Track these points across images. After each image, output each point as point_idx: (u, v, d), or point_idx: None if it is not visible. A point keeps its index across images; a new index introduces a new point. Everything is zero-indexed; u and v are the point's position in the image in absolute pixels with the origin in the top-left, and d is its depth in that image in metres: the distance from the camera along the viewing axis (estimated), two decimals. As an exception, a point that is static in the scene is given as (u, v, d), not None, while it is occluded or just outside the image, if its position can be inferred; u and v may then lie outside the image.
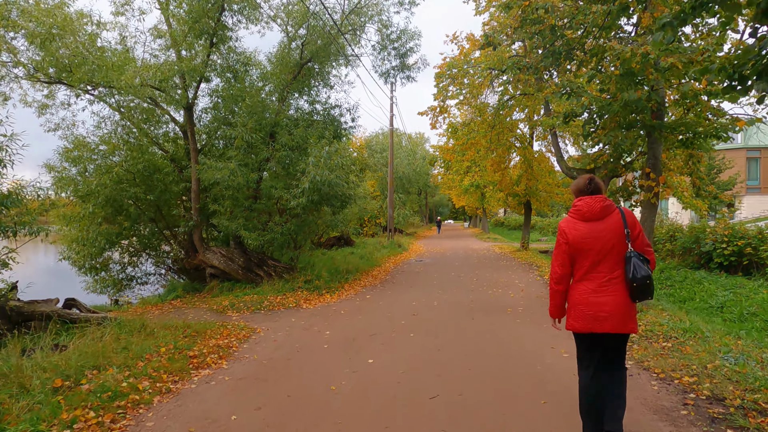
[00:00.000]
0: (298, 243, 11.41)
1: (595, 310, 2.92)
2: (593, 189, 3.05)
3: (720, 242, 14.28)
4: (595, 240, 2.96)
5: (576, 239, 3.00)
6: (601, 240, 2.95)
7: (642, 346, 5.46)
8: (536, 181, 18.37)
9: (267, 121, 10.66)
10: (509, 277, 11.99)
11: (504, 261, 16.19)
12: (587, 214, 3.00)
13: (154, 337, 5.89)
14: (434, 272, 13.34)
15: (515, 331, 6.39)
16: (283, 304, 8.77)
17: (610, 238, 2.95)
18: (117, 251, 12.62)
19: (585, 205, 3.02)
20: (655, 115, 6.92)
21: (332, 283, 10.60)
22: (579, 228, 3.02)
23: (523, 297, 9.06)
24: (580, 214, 3.03)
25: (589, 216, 3.00)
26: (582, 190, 3.08)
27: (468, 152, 19.36)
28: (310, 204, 9.86)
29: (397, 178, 32.33)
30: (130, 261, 12.76)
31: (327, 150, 9.62)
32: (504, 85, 16.67)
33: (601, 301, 2.92)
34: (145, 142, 11.13)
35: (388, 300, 9.13)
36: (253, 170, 10.49)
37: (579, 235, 3.00)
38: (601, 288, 2.94)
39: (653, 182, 7.12)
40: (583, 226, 3.01)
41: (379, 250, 18.87)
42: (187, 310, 8.81)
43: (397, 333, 6.45)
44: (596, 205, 2.99)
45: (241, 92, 10.93)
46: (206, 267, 11.35)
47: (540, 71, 7.57)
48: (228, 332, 6.65)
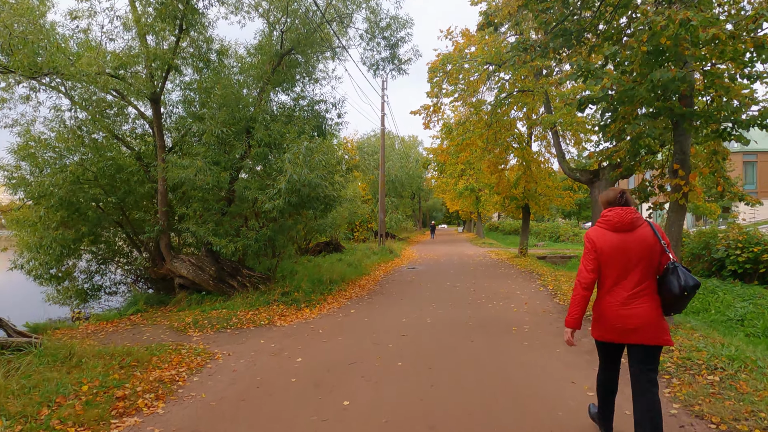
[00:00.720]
0: (277, 250, 10.29)
1: (623, 323, 2.90)
2: (624, 202, 3.04)
3: (733, 248, 13.35)
4: (625, 251, 2.92)
5: (605, 249, 2.97)
6: (630, 251, 2.92)
7: (684, 380, 4.41)
8: (535, 184, 17.38)
9: (242, 114, 9.56)
10: (509, 287, 10.93)
11: (502, 268, 15.15)
12: (618, 224, 2.97)
13: (81, 369, 4.75)
14: (427, 281, 12.26)
15: (524, 359, 5.32)
16: (254, 321, 7.64)
17: (639, 250, 2.91)
18: (83, 258, 11.52)
19: (615, 216, 2.99)
20: (684, 102, 5.92)
21: (313, 295, 9.48)
22: (608, 238, 2.98)
23: (528, 312, 8.00)
24: (611, 224, 3.00)
25: (619, 227, 2.97)
26: (611, 201, 3.08)
27: (463, 153, 18.35)
28: (288, 207, 8.76)
29: (389, 181, 31.28)
30: (98, 269, 11.61)
31: (306, 146, 8.53)
32: (501, 82, 15.74)
33: (630, 314, 2.89)
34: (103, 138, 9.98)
35: (375, 316, 8.03)
36: (226, 169, 9.39)
37: (608, 245, 2.96)
38: (630, 300, 2.90)
39: (682, 181, 6.11)
40: (613, 237, 2.97)
41: (369, 256, 17.78)
42: (145, 328, 7.67)
43: (382, 361, 5.36)
44: (627, 216, 2.97)
45: (213, 82, 9.84)
46: (174, 277, 10.21)
47: (548, 53, 6.55)
48: (179, 359, 5.52)
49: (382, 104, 20.57)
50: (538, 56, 6.59)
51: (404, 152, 36.52)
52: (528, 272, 13.79)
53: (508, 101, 15.41)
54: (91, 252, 11.32)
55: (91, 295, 11.50)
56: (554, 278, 11.92)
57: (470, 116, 17.02)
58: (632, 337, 2.89)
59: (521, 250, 18.40)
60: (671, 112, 5.76)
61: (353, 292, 10.72)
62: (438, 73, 15.24)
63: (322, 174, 9.24)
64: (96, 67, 8.37)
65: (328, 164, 9.71)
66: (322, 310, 8.60)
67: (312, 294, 9.54)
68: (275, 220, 9.37)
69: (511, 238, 40.99)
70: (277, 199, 8.54)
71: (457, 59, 14.64)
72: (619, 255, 2.93)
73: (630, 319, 2.88)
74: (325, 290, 10.17)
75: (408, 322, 7.42)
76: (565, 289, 9.89)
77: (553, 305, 8.54)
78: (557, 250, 24.50)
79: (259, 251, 9.44)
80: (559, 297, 9.24)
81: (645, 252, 2.91)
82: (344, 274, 12.53)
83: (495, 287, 10.90)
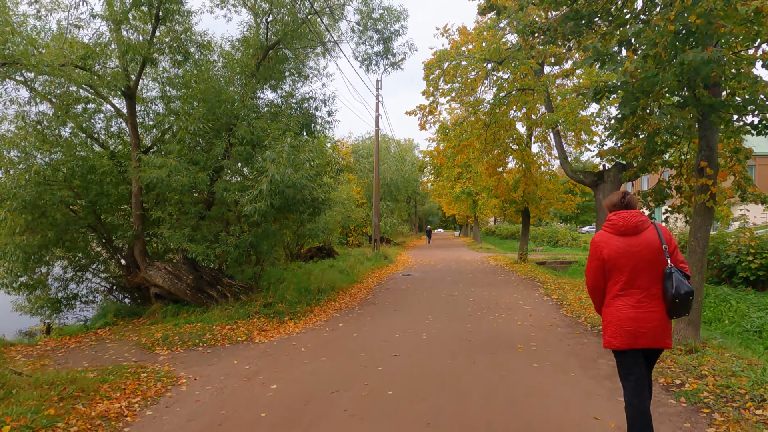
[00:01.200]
0: (261, 257, 9.52)
1: (635, 327, 2.87)
2: (627, 203, 3.02)
3: (745, 254, 12.71)
4: (632, 255, 2.90)
5: (611, 254, 2.95)
6: (637, 255, 2.89)
7: (728, 416, 3.69)
8: (535, 187, 16.71)
9: (223, 110, 8.82)
10: (511, 296, 10.21)
11: (502, 275, 14.43)
12: (623, 228, 2.95)
13: (9, 402, 3.98)
14: (423, 290, 11.53)
15: (535, 385, 4.59)
16: (230, 336, 6.87)
17: (646, 253, 2.88)
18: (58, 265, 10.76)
19: (620, 219, 2.98)
20: (712, 91, 5.24)
21: (299, 306, 8.72)
22: (614, 242, 2.96)
23: (534, 325, 7.28)
24: (616, 228, 2.98)
25: (624, 230, 2.95)
26: (615, 204, 3.05)
27: (460, 156, 17.68)
28: (271, 210, 8.01)
29: (384, 185, 30.58)
30: (73, 276, 10.82)
31: (289, 143, 7.80)
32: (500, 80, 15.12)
33: (640, 317, 2.87)
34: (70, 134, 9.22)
35: (365, 330, 7.28)
36: (205, 169, 8.64)
37: (614, 249, 2.94)
38: (640, 304, 2.88)
39: (709, 180, 5.42)
40: (619, 241, 2.95)
41: (362, 262, 17.02)
42: (111, 344, 6.90)
43: (370, 389, 4.61)
44: (632, 219, 2.95)
45: (193, 76, 9.11)
46: (150, 286, 9.43)
47: (557, 38, 5.85)
48: (136, 386, 4.76)
49: (377, 104, 19.91)
50: (546, 41, 5.90)
51: (400, 155, 35.80)
52: (529, 279, 13.08)
53: (507, 100, 14.76)
54: (66, 258, 10.56)
55: (65, 304, 10.72)
56: (558, 286, 11.22)
57: (468, 116, 16.38)
58: (642, 340, 2.87)
59: (521, 256, 17.70)
60: (698, 103, 5.08)
61: (343, 302, 9.97)
62: (434, 70, 14.59)
63: (309, 175, 8.51)
64: (60, 57, 7.65)
65: (315, 164, 8.98)
66: (307, 324, 7.85)
67: (298, 305, 8.78)
68: (258, 225, 8.62)
69: (508, 243, 40.34)
70: (259, 201, 7.80)
71: (454, 56, 14.01)
72: (626, 259, 2.90)
73: (642, 322, 2.86)
74: (312, 300, 9.41)
75: (401, 338, 6.68)
76: (571, 299, 9.18)
77: (559, 318, 7.83)
78: (557, 255, 23.84)
79: (240, 259, 8.67)
80: (566, 308, 8.53)
81: (652, 255, 2.88)
82: (335, 282, 11.77)
83: (495, 296, 10.18)
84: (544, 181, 16.80)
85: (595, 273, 3.02)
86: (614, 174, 12.77)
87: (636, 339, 2.87)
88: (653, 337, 2.85)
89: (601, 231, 3.09)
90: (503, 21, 13.38)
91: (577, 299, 9.10)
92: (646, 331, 2.85)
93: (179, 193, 8.51)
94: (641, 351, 2.94)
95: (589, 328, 7.03)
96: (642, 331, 2.85)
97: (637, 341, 2.87)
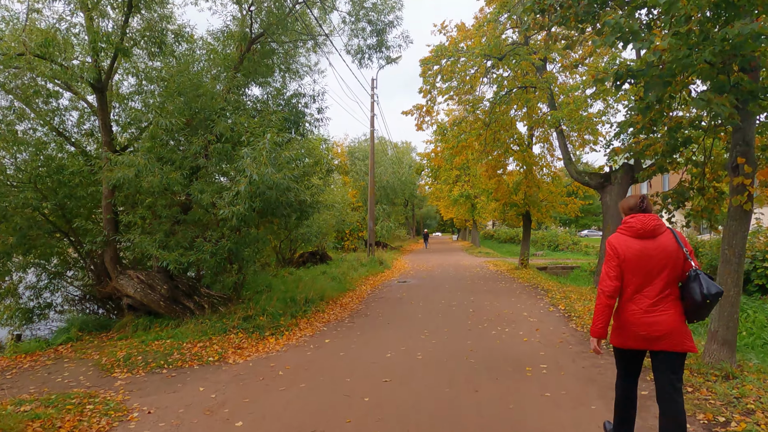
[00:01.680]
0: (243, 265, 8.75)
1: (648, 331, 2.85)
2: (645, 207, 3.01)
3: (760, 260, 12.03)
4: (649, 258, 2.88)
5: (628, 256, 2.91)
6: (654, 258, 2.87)
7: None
8: (537, 189, 16.00)
9: (201, 105, 8.08)
10: (514, 306, 9.47)
11: (503, 282, 13.69)
12: (641, 231, 2.93)
13: None
14: (419, 299, 10.77)
15: (551, 420, 3.84)
16: (201, 356, 6.10)
17: (662, 257, 2.87)
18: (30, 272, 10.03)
19: (638, 222, 2.95)
20: (750, 75, 4.54)
21: (283, 319, 7.96)
22: (631, 245, 2.93)
23: (542, 342, 6.53)
24: (633, 231, 2.95)
25: (642, 233, 2.92)
26: (633, 207, 3.04)
27: (458, 157, 17.00)
28: (251, 214, 7.27)
29: (381, 187, 29.85)
30: (48, 284, 10.06)
31: (270, 138, 7.06)
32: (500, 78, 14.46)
33: (655, 321, 2.84)
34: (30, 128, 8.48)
35: (354, 348, 6.52)
36: (180, 169, 7.90)
37: (631, 252, 2.92)
38: (654, 307, 2.85)
39: (747, 179, 4.70)
40: (636, 244, 2.93)
41: (356, 268, 16.26)
42: (68, 364, 6.14)
43: (353, 426, 3.85)
44: (650, 222, 2.93)
45: (170, 68, 8.38)
46: (121, 297, 8.67)
47: (569, 19, 5.14)
48: (75, 423, 4.00)
49: (372, 104, 19.22)
50: (558, 21, 5.19)
51: (397, 158, 35.04)
52: (532, 287, 12.34)
53: (508, 99, 14.07)
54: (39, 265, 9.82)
55: (38, 314, 9.98)
56: (563, 295, 10.48)
57: (466, 116, 15.70)
58: (658, 344, 2.85)
59: (522, 261, 16.96)
60: (737, 89, 4.36)
61: (333, 313, 9.21)
62: (431, 66, 13.91)
63: (294, 175, 7.77)
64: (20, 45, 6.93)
65: (302, 164, 8.25)
66: (290, 339, 7.08)
67: (282, 317, 8.02)
68: (238, 230, 7.87)
69: (507, 247, 39.65)
70: (238, 204, 7.05)
71: (452, 52, 13.34)
72: (642, 262, 2.89)
73: (655, 326, 2.84)
74: (298, 312, 8.65)
75: (393, 358, 5.92)
76: (580, 311, 8.44)
77: (569, 332, 7.08)
78: (558, 260, 23.14)
79: (218, 267, 7.90)
80: (575, 321, 7.79)
81: (668, 259, 2.87)
82: (325, 290, 11.01)
83: (497, 307, 9.44)
84: (546, 184, 16.10)
85: (617, 273, 2.93)
86: (622, 175, 12.07)
87: (648, 342, 2.87)
88: (672, 340, 2.82)
89: (616, 234, 3.04)
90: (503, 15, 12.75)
91: (586, 310, 8.36)
92: (660, 335, 2.82)
93: (151, 195, 7.77)
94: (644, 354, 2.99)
95: (604, 345, 6.29)
96: (656, 334, 2.83)
97: (652, 344, 2.86)
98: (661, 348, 2.84)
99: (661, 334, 2.82)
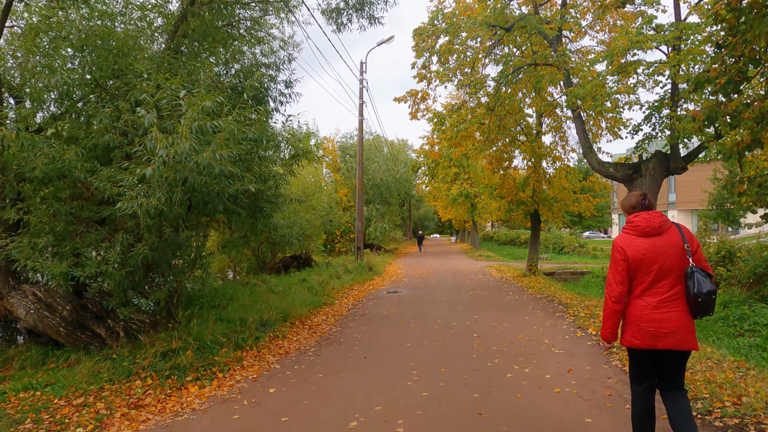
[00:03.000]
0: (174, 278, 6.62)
1: (656, 327, 2.82)
2: (648, 204, 3.01)
3: None
4: (657, 256, 2.86)
5: (636, 255, 2.90)
6: (662, 255, 2.86)
7: None
8: (548, 185, 13.97)
9: (111, 62, 6.00)
10: (530, 328, 7.40)
11: (511, 292, 11.63)
12: (647, 229, 2.92)
13: None
14: (410, 317, 8.70)
15: None
16: (66, 425, 4.01)
17: (671, 253, 2.86)
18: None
19: (643, 221, 2.94)
20: None
21: (224, 351, 5.87)
22: (638, 244, 2.91)
23: (582, 395, 4.45)
24: (639, 229, 2.94)
25: (648, 231, 2.91)
26: (635, 206, 3.02)
27: (458, 149, 14.92)
28: (172, 209, 5.19)
29: (374, 186, 27.77)
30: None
31: (196, 103, 4.98)
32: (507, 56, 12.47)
33: (662, 318, 2.82)
34: None
35: (306, 406, 4.43)
36: (88, 150, 5.83)
37: (639, 251, 2.89)
38: (663, 304, 2.84)
39: None
40: (642, 242, 2.91)
41: (340, 275, 14.17)
42: None
43: None
44: (655, 220, 2.92)
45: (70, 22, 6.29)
46: (14, 319, 6.59)
47: None
48: None
49: (360, 90, 17.13)
50: None
51: (392, 155, 32.85)
52: (547, 300, 10.28)
53: (516, 78, 12.04)
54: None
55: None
56: (588, 311, 8.43)
57: (467, 101, 13.68)
58: (664, 341, 2.81)
59: (530, 267, 14.88)
60: None
61: (296, 339, 7.12)
62: (427, 39, 11.89)
63: (238, 156, 5.69)
64: None
65: (252, 141, 6.18)
66: (221, 387, 4.99)
67: (222, 349, 5.94)
68: (159, 232, 5.77)
69: (507, 249, 37.61)
70: (149, 195, 4.97)
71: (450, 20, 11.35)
72: (653, 260, 2.85)
73: (664, 323, 2.81)
74: (249, 338, 6.56)
75: (361, 429, 3.84)
76: (620, 337, 6.37)
77: (615, 375, 5.01)
78: (566, 265, 21.11)
79: (131, 282, 5.80)
80: (619, 355, 5.72)
81: (675, 255, 2.85)
82: (294, 304, 8.94)
83: (509, 329, 7.37)
84: (558, 179, 14.04)
85: (623, 277, 2.92)
86: (655, 165, 10.00)
87: (657, 340, 2.82)
88: (677, 339, 2.80)
89: (622, 234, 3.02)
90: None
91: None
92: (668, 332, 2.80)
93: (39, 184, 5.70)
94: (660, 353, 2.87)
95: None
96: (663, 332, 2.80)
97: (658, 342, 2.82)
98: (668, 346, 2.81)
99: (669, 330, 2.79)
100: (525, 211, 14.48)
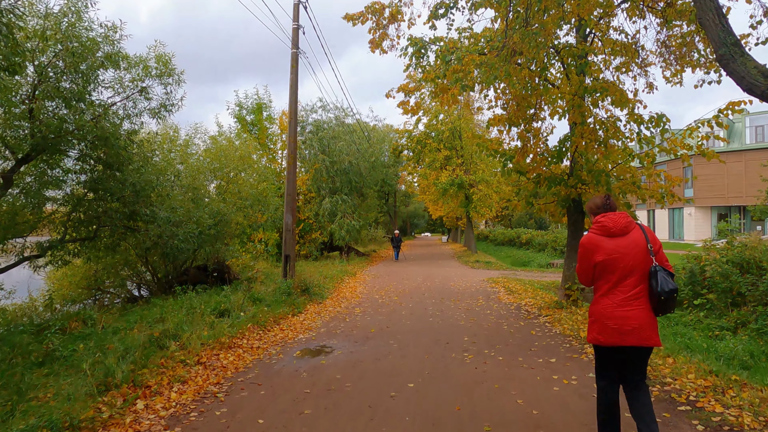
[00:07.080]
0: None
1: (619, 324, 2.91)
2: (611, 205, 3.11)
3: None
4: (622, 256, 2.95)
5: (603, 255, 2.98)
6: (627, 255, 2.95)
7: None
8: (604, 150, 7.97)
9: None
10: None
11: (554, 356, 5.59)
12: (613, 229, 3.00)
13: None
14: None
15: None
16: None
17: (635, 253, 2.95)
18: None
19: (610, 221, 3.02)
20: None
21: None
22: (604, 244, 3.00)
23: None
24: (606, 230, 3.02)
25: (615, 231, 3.00)
26: (600, 206, 3.12)
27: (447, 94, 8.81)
28: None
29: (341, 171, 21.55)
30: None
31: None
32: None
33: (626, 315, 2.91)
34: None
35: None
36: None
37: (604, 251, 2.98)
38: (626, 302, 2.93)
39: None
40: (608, 242, 3.00)
41: (235, 308, 7.93)
42: None
43: None
44: (621, 220, 3.01)
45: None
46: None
47: None
48: None
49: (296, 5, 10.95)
50: None
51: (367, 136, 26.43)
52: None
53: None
54: None
55: None
56: None
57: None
58: (628, 338, 2.89)
59: (568, 293, 8.76)
60: None
61: None
62: None
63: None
64: None
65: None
66: None
67: None
68: None
69: (505, 251, 31.75)
70: None
71: None
72: (618, 260, 2.95)
73: (627, 320, 2.89)
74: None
75: None
76: None
77: None
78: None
79: None
80: None
81: (639, 255, 2.95)
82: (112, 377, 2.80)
83: None
84: (621, 137, 8.01)
85: (587, 274, 3.09)
86: None
87: (622, 337, 2.90)
88: (640, 335, 2.87)
89: (589, 234, 3.09)
90: None
91: None
92: (631, 329, 2.87)
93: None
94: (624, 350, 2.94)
95: None
96: (626, 329, 2.88)
97: (623, 339, 2.89)
98: (631, 343, 2.88)
99: (632, 328, 2.87)
100: (564, 196, 8.35)
